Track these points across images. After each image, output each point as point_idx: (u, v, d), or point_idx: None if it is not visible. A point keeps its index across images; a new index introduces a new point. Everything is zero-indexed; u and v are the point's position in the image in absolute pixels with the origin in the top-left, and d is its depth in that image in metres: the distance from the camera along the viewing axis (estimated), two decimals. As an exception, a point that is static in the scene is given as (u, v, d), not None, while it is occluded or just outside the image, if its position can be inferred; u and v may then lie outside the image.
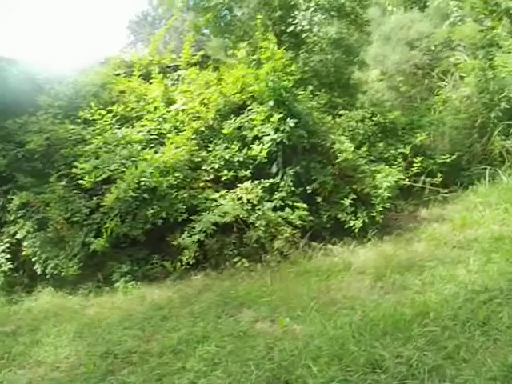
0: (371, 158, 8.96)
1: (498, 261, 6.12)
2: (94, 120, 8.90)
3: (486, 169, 10.32)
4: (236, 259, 7.40)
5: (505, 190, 9.35)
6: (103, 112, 8.86)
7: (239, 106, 8.87)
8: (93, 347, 5.32)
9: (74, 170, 7.97)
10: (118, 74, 10.37)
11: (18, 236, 7.94)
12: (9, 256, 7.93)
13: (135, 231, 7.54)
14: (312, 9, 11.38)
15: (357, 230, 7.89)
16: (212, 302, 6.23)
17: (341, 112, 9.91)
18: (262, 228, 7.42)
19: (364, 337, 4.60)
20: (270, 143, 8.08)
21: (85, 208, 7.86)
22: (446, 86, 12.99)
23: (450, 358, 4.10)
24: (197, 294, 6.66)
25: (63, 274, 7.53)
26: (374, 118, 9.93)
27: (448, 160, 9.98)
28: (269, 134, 8.15)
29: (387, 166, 8.76)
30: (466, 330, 4.53)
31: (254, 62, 8.90)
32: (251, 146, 8.29)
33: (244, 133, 8.48)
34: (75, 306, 6.91)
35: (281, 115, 8.10)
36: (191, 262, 7.27)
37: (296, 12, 11.51)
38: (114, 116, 8.99)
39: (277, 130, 8.11)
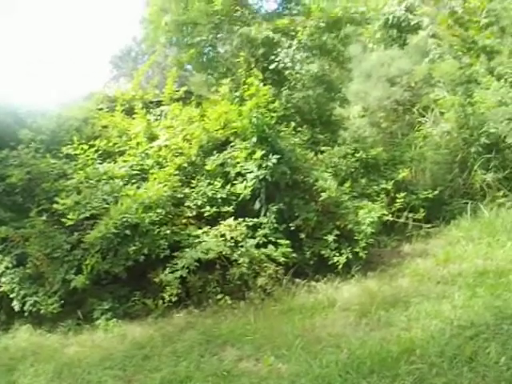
0: (354, 193, 8.96)
1: (483, 295, 6.13)
2: (76, 155, 8.85)
3: (467, 203, 10.40)
4: (219, 296, 7.29)
5: (487, 224, 9.40)
6: (85, 147, 8.81)
7: (222, 142, 8.87)
8: (72, 389, 5.19)
9: (55, 206, 7.87)
10: (101, 109, 10.39)
11: (-4, 272, 7.79)
12: (-14, 292, 7.77)
13: (116, 268, 7.42)
14: (294, 47, 11.56)
15: (340, 267, 7.83)
16: (195, 340, 6.13)
17: (323, 148, 9.96)
18: (245, 265, 7.34)
19: (351, 375, 4.55)
20: (253, 180, 8.07)
21: (65, 244, 7.73)
22: (426, 121, 13.14)
23: (439, 397, 4.05)
24: (179, 333, 6.54)
25: (42, 311, 7.33)
26: (356, 154, 9.98)
27: (430, 195, 10.04)
28: (252, 171, 8.14)
29: (370, 202, 8.76)
30: (454, 366, 4.51)
31: (237, 99, 8.93)
32: (234, 182, 8.27)
33: (227, 169, 8.46)
34: (54, 345, 6.74)
35: (263, 152, 8.10)
36: (173, 300, 7.15)
37: (278, 49, 11.67)
38: (96, 151, 8.94)
39: (260, 167, 8.11)
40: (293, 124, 9.04)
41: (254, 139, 8.27)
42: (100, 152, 9.04)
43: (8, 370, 5.93)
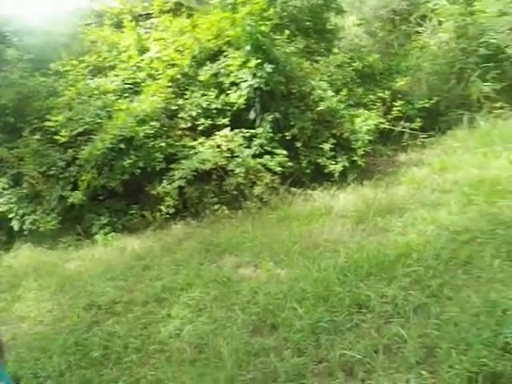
0: (350, 102, 8.81)
1: (478, 202, 6.15)
2: (65, 71, 8.74)
3: (464, 114, 10.29)
4: (216, 207, 7.33)
5: (483, 135, 9.33)
6: (75, 62, 8.69)
7: (215, 52, 8.63)
8: (75, 300, 5.31)
9: (47, 124, 7.79)
10: (89, 24, 10.14)
11: (-7, 193, 7.80)
12: (-15, 214, 7.80)
13: (113, 182, 7.44)
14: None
15: (337, 175, 7.81)
16: (193, 249, 6.21)
17: (318, 58, 9.73)
18: (241, 175, 7.32)
19: (348, 278, 4.61)
20: (247, 89, 7.90)
21: (60, 161, 7.75)
22: (424, 31, 12.80)
23: (435, 296, 4.14)
24: (178, 243, 6.63)
25: (41, 229, 7.46)
26: (353, 64, 9.77)
27: (426, 105, 9.90)
28: (246, 80, 7.95)
29: (366, 111, 8.64)
30: (449, 269, 4.58)
31: (230, 7, 8.63)
32: (228, 92, 8.11)
33: (221, 79, 8.27)
34: (55, 261, 6.86)
35: (258, 60, 7.89)
36: (171, 212, 7.21)
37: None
38: (86, 66, 8.85)
39: (254, 76, 7.91)
40: (287, 32, 8.77)
41: (248, 48, 8.04)
42: (90, 68, 8.98)
43: (12, 286, 6.08)
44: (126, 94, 8.29)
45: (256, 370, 3.59)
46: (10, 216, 7.70)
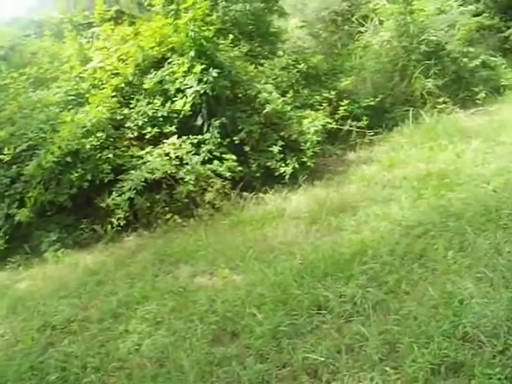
0: (296, 104, 8.86)
1: (428, 196, 6.27)
2: (5, 84, 8.49)
3: (409, 110, 10.50)
4: (168, 216, 7.21)
5: (428, 130, 9.57)
6: (15, 75, 8.45)
7: (158, 59, 8.53)
8: (29, 321, 5.10)
9: (-10, 141, 7.56)
10: (28, 35, 9.93)
11: None
12: None
13: (61, 197, 7.24)
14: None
15: (287, 177, 7.81)
16: (147, 261, 6.09)
17: (263, 61, 9.75)
18: (191, 182, 7.21)
19: (306, 280, 4.61)
20: (193, 95, 7.82)
21: (5, 178, 7.50)
22: (366, 31, 13.01)
23: (392, 292, 4.17)
24: (131, 255, 6.49)
25: (-12, 249, 7.19)
26: (297, 65, 9.82)
27: (372, 103, 10.06)
28: (191, 86, 7.88)
29: (313, 112, 8.69)
30: (405, 263, 4.63)
31: (172, 13, 8.57)
32: (174, 99, 8.01)
33: (166, 86, 8.16)
34: (5, 282, 6.59)
35: (203, 66, 7.84)
36: (122, 224, 7.04)
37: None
38: (27, 79, 8.62)
39: (200, 82, 7.85)
40: (231, 37, 8.76)
41: (192, 53, 7.98)
42: (31, 80, 8.74)
43: (-41, 311, 5.82)
44: (69, 106, 8.09)
45: (219, 380, 3.54)
46: (-45, 237, 7.42)
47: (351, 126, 9.36)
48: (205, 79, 7.82)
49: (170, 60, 8.39)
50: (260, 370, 3.53)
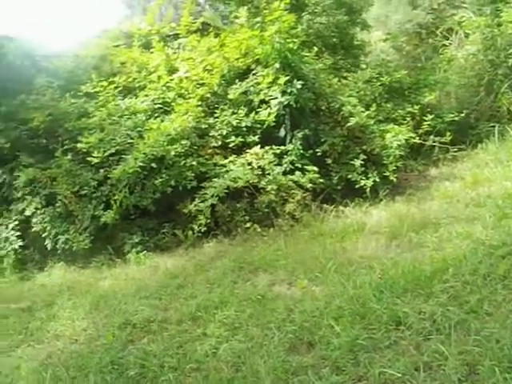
0: (379, 118, 8.80)
1: (513, 216, 6.03)
2: (96, 92, 8.84)
3: (494, 126, 10.15)
4: (248, 225, 7.32)
5: (514, 147, 9.23)
6: (105, 83, 8.79)
7: (243, 70, 8.69)
8: (110, 318, 5.33)
9: (79, 145, 7.89)
10: (118, 46, 10.28)
11: (27, 213, 7.96)
12: (18, 233, 7.97)
13: (144, 201, 7.49)
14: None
15: (368, 190, 7.76)
16: (227, 267, 6.19)
17: (346, 74, 9.74)
18: (272, 192, 7.31)
19: (385, 295, 4.56)
20: (277, 106, 7.92)
21: (92, 181, 7.81)
22: (450, 44, 12.75)
23: (474, 312, 4.05)
24: (210, 261, 6.63)
25: (74, 248, 7.53)
26: (380, 78, 9.76)
27: (456, 118, 9.81)
28: (276, 98, 7.98)
29: (396, 126, 8.59)
30: (488, 284, 4.48)
31: (258, 25, 8.68)
32: (258, 110, 8.12)
33: (250, 97, 8.30)
34: (89, 280, 6.91)
35: (287, 78, 7.92)
36: (203, 230, 7.22)
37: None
38: (116, 87, 8.93)
39: (284, 93, 7.94)
40: (315, 49, 8.79)
41: (277, 65, 8.06)
42: (120, 88, 9.05)
43: (47, 304, 6.13)
44: (156, 114, 8.35)
45: None
46: (44, 235, 7.78)
47: (434, 142, 9.22)
48: (289, 91, 7.89)
49: (254, 71, 8.52)
50: (336, 381, 3.52)
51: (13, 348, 5.07)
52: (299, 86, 7.88)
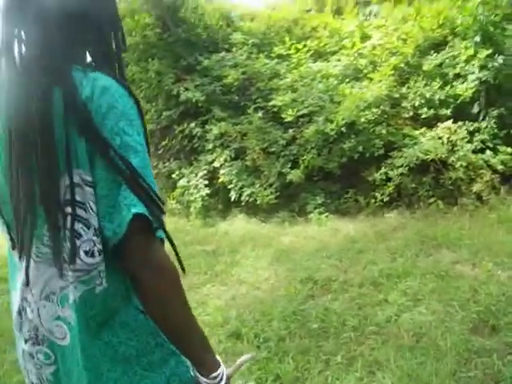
0: None
1: None
2: (288, 55, 9.04)
3: None
4: (431, 200, 7.24)
5: None
6: (299, 46, 8.96)
7: (439, 41, 8.44)
8: (292, 272, 5.58)
9: (272, 103, 8.21)
10: (309, 10, 10.40)
11: (216, 164, 8.50)
12: (206, 182, 8.53)
13: (330, 164, 7.69)
14: None
15: None
16: (408, 240, 6.19)
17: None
18: (461, 169, 7.14)
19: None
20: (475, 82, 7.62)
21: (281, 139, 8.13)
22: None
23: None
24: (392, 231, 6.65)
25: (258, 202, 7.90)
26: None
27: None
28: (473, 72, 7.70)
29: None
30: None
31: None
32: (453, 84, 7.88)
33: (445, 70, 8.05)
34: (270, 233, 7.24)
35: (488, 52, 7.59)
36: (385, 200, 7.27)
37: None
38: (308, 51, 9.07)
39: (482, 68, 7.64)
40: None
41: (478, 38, 7.74)
42: (311, 52, 9.14)
43: (230, 251, 6.57)
44: (347, 80, 8.42)
45: (477, 369, 3.53)
46: (229, 187, 8.28)
47: None
48: (489, 66, 7.57)
49: (450, 44, 8.27)
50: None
51: (199, 286, 5.48)
52: (501, 61, 7.52)
